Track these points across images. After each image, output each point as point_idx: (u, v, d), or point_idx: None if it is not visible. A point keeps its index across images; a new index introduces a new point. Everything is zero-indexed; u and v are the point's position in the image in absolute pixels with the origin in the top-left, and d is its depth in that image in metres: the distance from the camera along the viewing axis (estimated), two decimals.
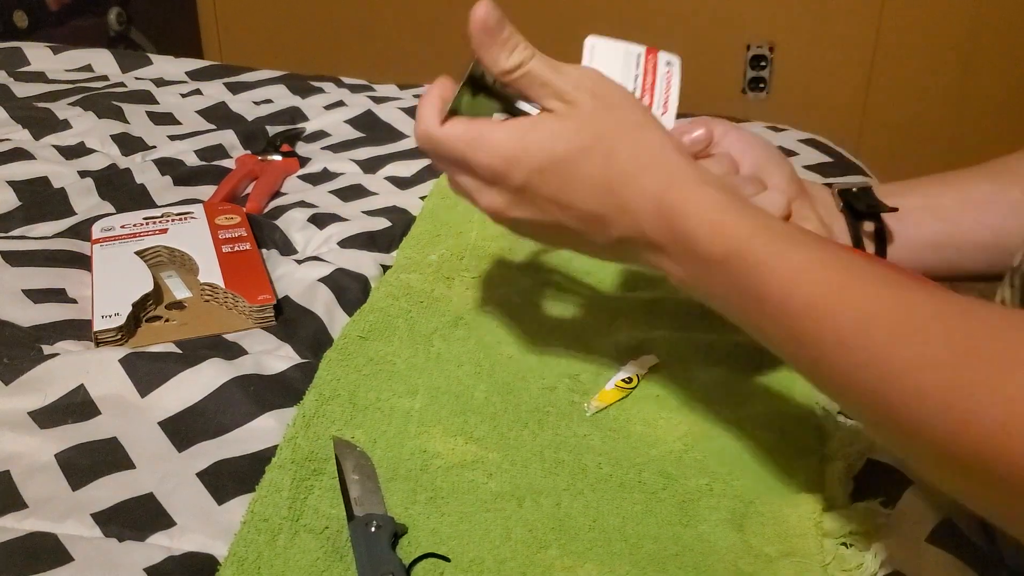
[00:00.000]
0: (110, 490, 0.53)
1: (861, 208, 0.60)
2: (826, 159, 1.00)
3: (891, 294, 0.40)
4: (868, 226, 0.61)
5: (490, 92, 0.57)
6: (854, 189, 0.62)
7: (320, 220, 0.84)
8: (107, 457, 0.56)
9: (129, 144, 0.99)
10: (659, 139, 0.50)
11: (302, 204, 0.88)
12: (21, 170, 0.91)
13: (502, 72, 0.51)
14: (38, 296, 0.71)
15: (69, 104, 1.07)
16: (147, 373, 0.62)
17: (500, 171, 0.51)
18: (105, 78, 1.19)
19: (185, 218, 0.81)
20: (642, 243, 0.49)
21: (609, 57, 0.56)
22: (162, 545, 0.50)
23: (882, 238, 0.61)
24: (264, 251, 0.79)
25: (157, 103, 1.10)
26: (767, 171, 0.58)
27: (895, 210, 0.60)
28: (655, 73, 0.56)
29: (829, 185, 0.64)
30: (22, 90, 1.12)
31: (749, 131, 0.60)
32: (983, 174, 0.62)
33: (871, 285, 0.41)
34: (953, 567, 0.47)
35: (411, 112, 1.08)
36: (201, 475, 0.55)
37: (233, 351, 0.66)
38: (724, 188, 0.48)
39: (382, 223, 0.84)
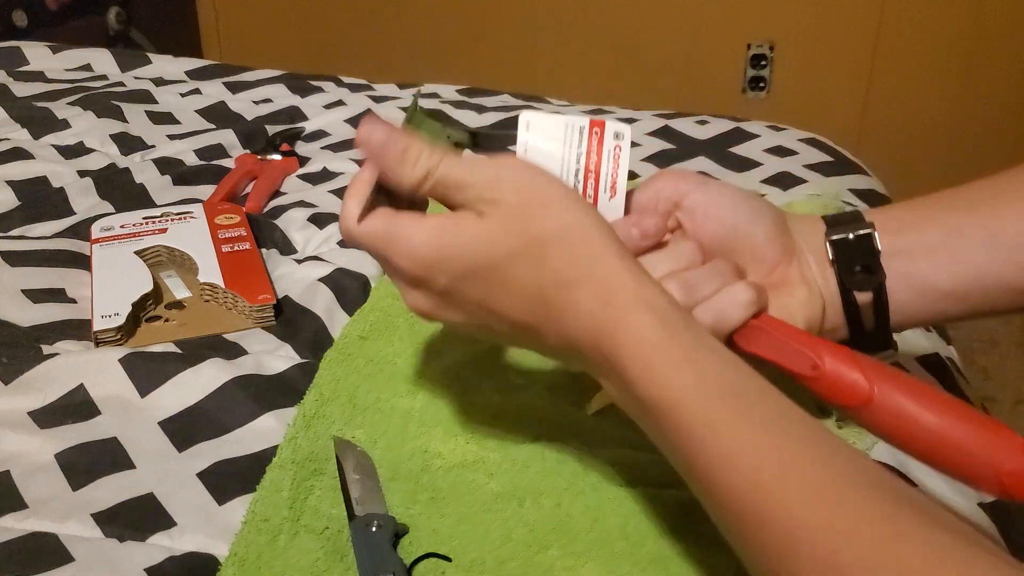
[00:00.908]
0: (110, 490, 0.53)
1: (854, 268, 0.50)
2: (826, 158, 1.00)
3: (825, 497, 0.37)
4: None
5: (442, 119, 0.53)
6: (850, 237, 0.51)
7: (320, 219, 0.84)
8: (107, 457, 0.56)
9: (128, 144, 0.99)
10: (597, 243, 0.44)
11: (302, 204, 0.88)
12: (20, 170, 0.91)
13: (411, 186, 0.46)
14: (38, 296, 0.71)
15: (68, 104, 1.06)
16: (147, 373, 0.61)
17: (420, 276, 0.46)
18: (104, 77, 1.19)
19: (185, 218, 0.81)
20: (577, 358, 0.45)
21: (548, 134, 0.49)
22: (163, 545, 0.50)
23: (881, 302, 0.51)
24: (264, 251, 0.79)
25: (156, 102, 1.10)
26: (740, 238, 0.50)
27: (879, 283, 0.50)
28: (601, 149, 0.48)
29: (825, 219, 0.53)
30: (21, 90, 1.12)
31: (719, 185, 0.52)
32: (1012, 194, 0.50)
33: (807, 482, 0.38)
34: None
35: None
36: (201, 475, 0.55)
37: (233, 351, 0.66)
38: (669, 310, 0.43)
39: None
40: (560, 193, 0.45)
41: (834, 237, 0.51)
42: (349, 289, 0.73)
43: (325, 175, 0.95)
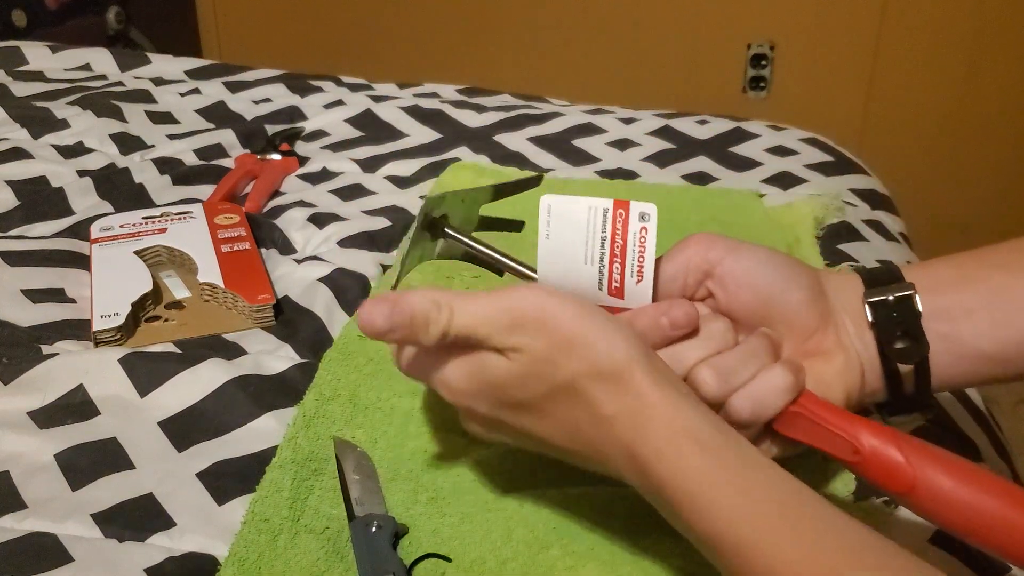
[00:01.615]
0: (110, 490, 0.53)
1: (895, 334, 0.48)
2: (827, 158, 1.00)
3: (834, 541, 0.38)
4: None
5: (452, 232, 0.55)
6: (890, 299, 0.48)
7: (319, 219, 0.84)
8: (107, 457, 0.56)
9: (128, 143, 0.99)
10: (627, 376, 0.42)
11: (301, 203, 0.88)
12: (19, 169, 0.91)
13: (434, 345, 0.46)
14: (37, 296, 0.71)
15: (68, 103, 1.06)
16: (146, 373, 0.61)
17: (464, 406, 0.47)
18: (104, 77, 1.18)
19: (184, 218, 0.81)
20: (613, 471, 0.45)
21: (570, 218, 0.47)
22: (162, 545, 0.50)
23: (923, 368, 0.49)
24: (263, 251, 0.79)
25: (156, 102, 1.10)
26: (775, 306, 0.48)
27: (922, 355, 0.48)
28: (626, 232, 0.47)
29: (859, 271, 0.51)
30: (21, 89, 1.12)
31: (751, 250, 0.49)
32: None
33: (812, 535, 0.39)
34: (955, 569, 0.47)
35: (411, 111, 1.08)
36: (201, 475, 0.55)
37: (233, 351, 0.66)
38: (709, 434, 0.42)
39: (382, 222, 0.83)
40: (582, 329, 0.43)
41: (873, 300, 0.49)
42: (349, 289, 0.73)
43: (325, 175, 0.95)
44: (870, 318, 0.49)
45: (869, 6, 1.91)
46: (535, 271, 0.50)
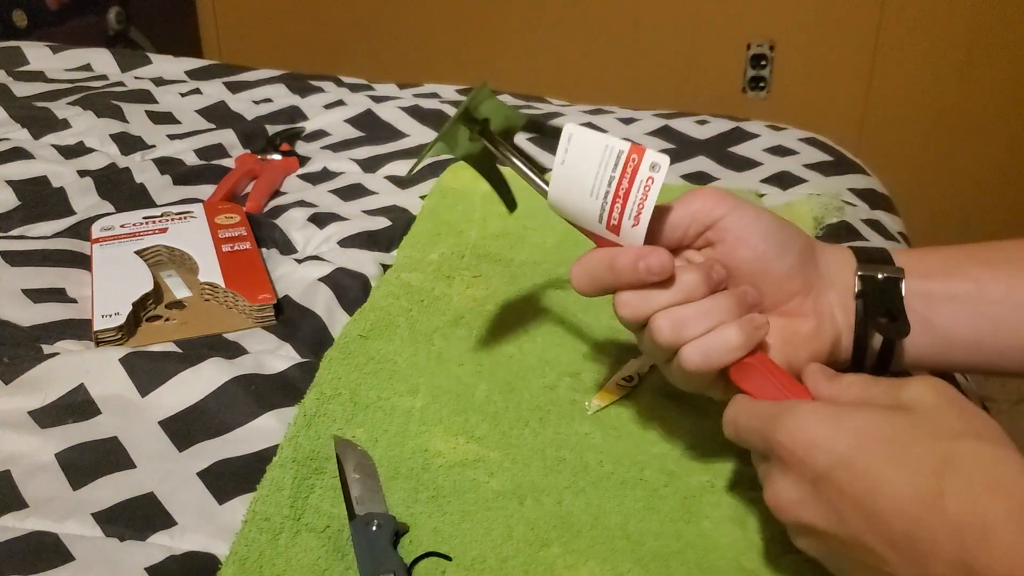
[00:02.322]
0: (111, 490, 0.53)
1: (880, 311, 0.51)
2: (826, 158, 1.00)
3: None
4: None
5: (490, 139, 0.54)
6: (879, 276, 0.52)
7: (320, 219, 0.84)
8: (108, 457, 0.56)
9: (128, 143, 0.99)
10: (1010, 458, 0.38)
11: (302, 203, 0.88)
12: (20, 169, 0.91)
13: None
14: (38, 296, 0.71)
15: (68, 103, 1.07)
16: (147, 372, 0.61)
17: (798, 455, 0.41)
18: (104, 77, 1.19)
19: (185, 217, 0.81)
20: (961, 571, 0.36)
21: (586, 151, 0.49)
22: (163, 544, 0.50)
23: (889, 350, 0.52)
24: (264, 250, 0.79)
25: (156, 102, 1.10)
26: (766, 267, 0.50)
27: (904, 334, 0.51)
28: (634, 177, 0.48)
29: (859, 253, 0.54)
30: (21, 89, 1.12)
31: (754, 211, 0.51)
32: None
33: None
34: None
35: (410, 111, 1.08)
36: (202, 475, 0.55)
37: (233, 350, 0.66)
38: None
39: (382, 222, 0.83)
40: (980, 412, 0.41)
41: (863, 274, 0.52)
42: (349, 288, 0.73)
43: (325, 175, 0.95)
44: (857, 289, 0.52)
45: (868, 6, 1.91)
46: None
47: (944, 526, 0.37)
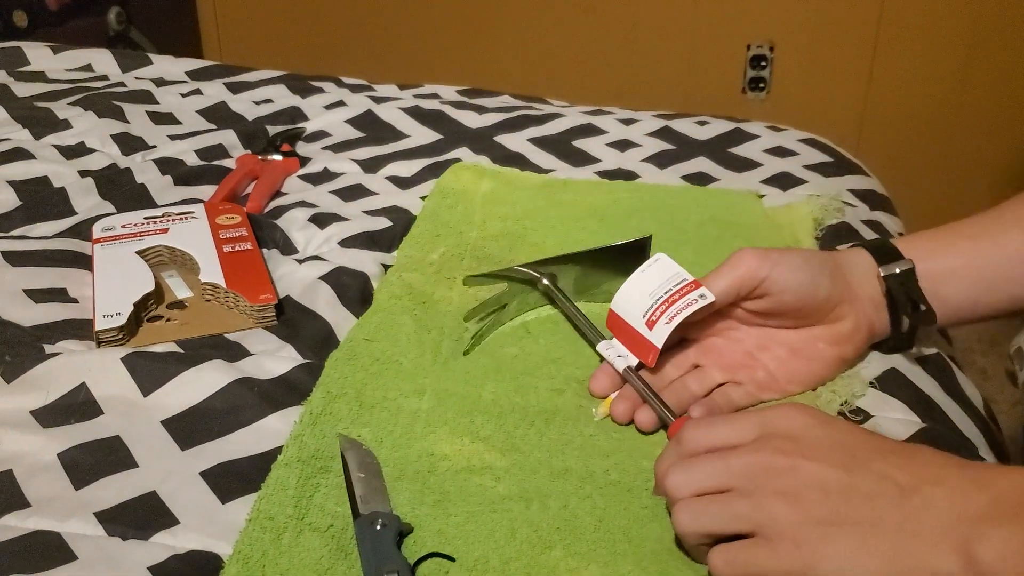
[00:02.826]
0: (113, 489, 0.53)
1: (903, 301, 0.62)
2: (826, 159, 1.00)
3: None
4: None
5: None
6: (897, 271, 0.61)
7: (321, 220, 0.84)
8: (110, 456, 0.56)
9: (129, 144, 0.99)
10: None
11: (303, 204, 0.88)
12: (21, 170, 0.91)
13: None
14: (39, 296, 0.71)
15: (69, 104, 1.07)
16: (149, 373, 0.62)
17: (792, 420, 0.48)
18: (105, 78, 1.19)
19: (186, 218, 0.81)
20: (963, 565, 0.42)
21: (661, 271, 0.61)
22: (166, 544, 0.50)
23: (914, 327, 0.64)
24: (265, 251, 0.79)
25: (157, 103, 1.10)
26: (810, 302, 0.60)
27: (933, 320, 0.61)
28: (682, 296, 0.59)
29: (867, 248, 0.63)
30: (22, 90, 1.12)
31: (788, 260, 0.60)
32: (1012, 222, 0.63)
33: None
34: None
35: (411, 112, 1.08)
36: (204, 474, 0.55)
37: (234, 351, 0.66)
38: None
39: (383, 223, 0.84)
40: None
41: (884, 273, 0.62)
42: (350, 288, 0.73)
43: (326, 175, 0.95)
44: (883, 288, 0.62)
45: (867, 7, 1.91)
46: (600, 340, 0.64)
47: (920, 521, 0.43)
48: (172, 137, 1.01)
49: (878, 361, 0.65)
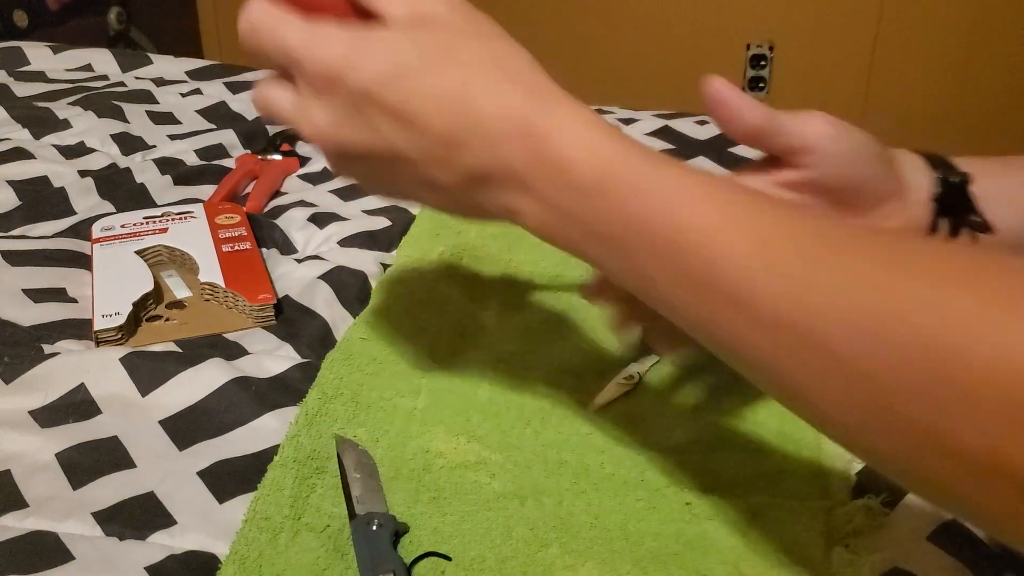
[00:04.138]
0: (111, 489, 0.53)
1: (957, 211, 0.57)
2: None
3: (798, 220, 0.37)
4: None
5: None
6: (953, 179, 0.57)
7: (320, 219, 0.84)
8: (108, 456, 0.56)
9: (129, 143, 0.99)
10: (524, 55, 0.44)
11: (302, 203, 0.88)
12: (21, 169, 0.91)
13: None
14: (38, 296, 0.71)
15: (69, 103, 1.07)
16: (148, 372, 0.62)
17: (332, 75, 0.42)
18: (105, 77, 1.19)
19: (185, 217, 0.81)
20: (499, 175, 0.41)
21: None
22: (163, 544, 0.50)
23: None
24: (264, 250, 0.79)
25: (157, 102, 1.10)
26: (861, 192, 0.54)
27: (988, 229, 0.56)
28: None
29: (927, 158, 0.58)
30: (22, 89, 1.12)
31: (849, 140, 0.54)
32: None
33: (773, 210, 0.37)
34: (952, 568, 0.47)
35: None
36: (202, 474, 0.55)
37: (234, 350, 0.66)
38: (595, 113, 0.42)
39: (382, 222, 0.84)
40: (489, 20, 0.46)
41: (939, 175, 0.56)
42: (349, 287, 0.73)
43: (325, 175, 0.95)
44: (935, 192, 0.56)
45: (867, 7, 1.91)
46: None
47: (473, 115, 0.41)
48: (172, 137, 1.01)
49: None
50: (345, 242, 0.81)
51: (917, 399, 0.32)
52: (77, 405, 0.60)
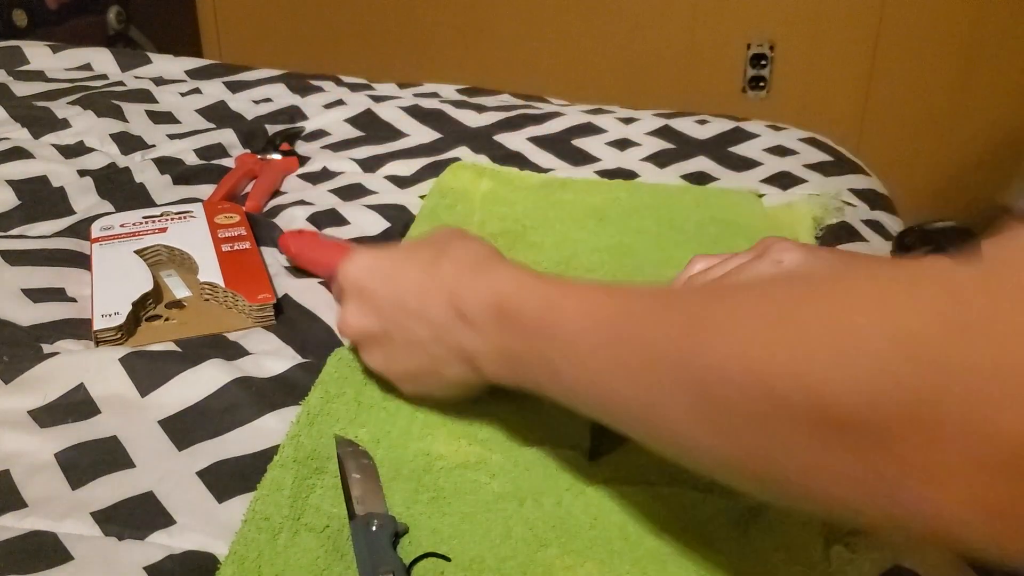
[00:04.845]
0: (110, 489, 0.53)
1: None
2: (826, 158, 1.00)
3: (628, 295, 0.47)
4: None
5: None
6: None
7: (319, 219, 0.84)
8: (107, 456, 0.56)
9: (128, 143, 0.99)
10: (481, 243, 0.57)
11: (302, 203, 0.88)
12: (20, 169, 0.91)
13: None
14: (38, 295, 0.71)
15: (68, 103, 1.07)
16: (147, 372, 0.61)
17: (348, 281, 0.59)
18: (104, 77, 1.19)
19: (184, 217, 0.81)
20: (453, 315, 0.53)
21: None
22: (162, 544, 0.50)
23: None
24: (264, 250, 0.79)
25: (156, 102, 1.10)
26: None
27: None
28: None
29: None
30: (21, 89, 1.12)
31: (805, 249, 0.60)
32: None
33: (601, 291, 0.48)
34: (953, 564, 0.47)
35: (411, 111, 1.08)
36: (201, 474, 0.55)
37: (233, 350, 0.66)
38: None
39: (382, 223, 0.83)
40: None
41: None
42: None
43: (325, 175, 0.95)
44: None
45: (868, 6, 1.91)
46: None
47: (436, 282, 0.54)
48: (171, 136, 1.01)
49: None
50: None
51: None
52: (76, 405, 0.60)
